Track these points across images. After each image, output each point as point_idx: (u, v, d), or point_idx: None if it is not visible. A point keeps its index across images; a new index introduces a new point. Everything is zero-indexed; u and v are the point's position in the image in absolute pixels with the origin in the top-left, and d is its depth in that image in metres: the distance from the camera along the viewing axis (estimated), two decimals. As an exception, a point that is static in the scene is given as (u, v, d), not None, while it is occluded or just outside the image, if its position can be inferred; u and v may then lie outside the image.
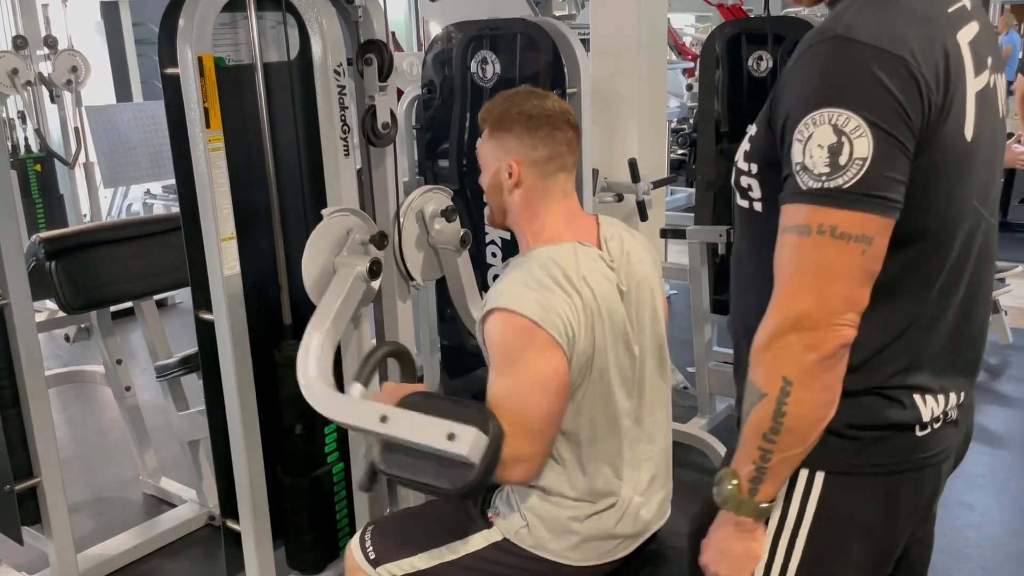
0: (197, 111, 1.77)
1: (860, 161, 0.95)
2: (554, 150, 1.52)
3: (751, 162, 1.11)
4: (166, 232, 2.75)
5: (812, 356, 0.98)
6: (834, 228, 0.96)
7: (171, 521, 2.82)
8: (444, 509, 1.70)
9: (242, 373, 1.92)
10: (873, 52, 0.96)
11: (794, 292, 0.99)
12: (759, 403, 1.02)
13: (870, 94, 0.95)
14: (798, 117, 0.98)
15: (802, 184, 0.97)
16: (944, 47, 1.00)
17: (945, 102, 0.98)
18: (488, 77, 2.51)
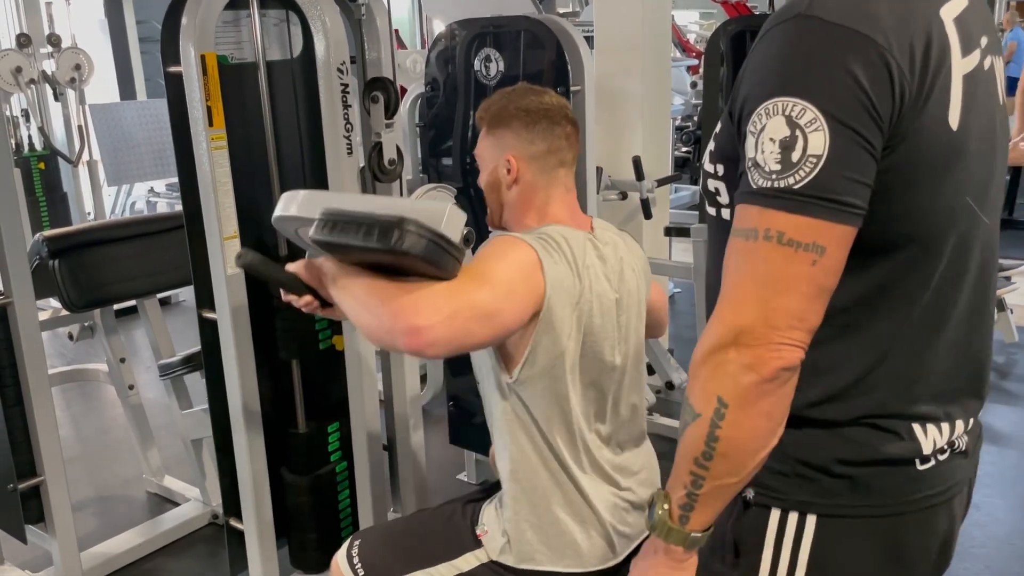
0: (200, 109, 1.77)
1: (814, 159, 0.83)
2: (553, 144, 1.51)
3: (716, 163, 1.00)
4: (169, 231, 2.74)
5: (750, 377, 0.86)
6: (781, 234, 0.85)
7: (174, 520, 2.81)
8: (434, 523, 1.66)
9: (245, 372, 1.92)
10: (839, 32, 0.84)
11: (736, 303, 0.88)
12: (692, 423, 0.91)
13: (831, 82, 0.84)
14: (752, 107, 0.87)
15: (752, 182, 0.87)
16: (925, 23, 0.88)
17: (923, 88, 0.87)
18: (492, 75, 2.51)
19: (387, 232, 1.15)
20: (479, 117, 1.55)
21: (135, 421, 3.01)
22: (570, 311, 1.41)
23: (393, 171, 1.93)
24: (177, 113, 1.84)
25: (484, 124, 1.55)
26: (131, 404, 2.99)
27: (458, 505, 1.68)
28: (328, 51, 1.81)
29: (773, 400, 0.88)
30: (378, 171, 1.91)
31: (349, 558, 1.64)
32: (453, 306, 1.22)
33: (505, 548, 1.52)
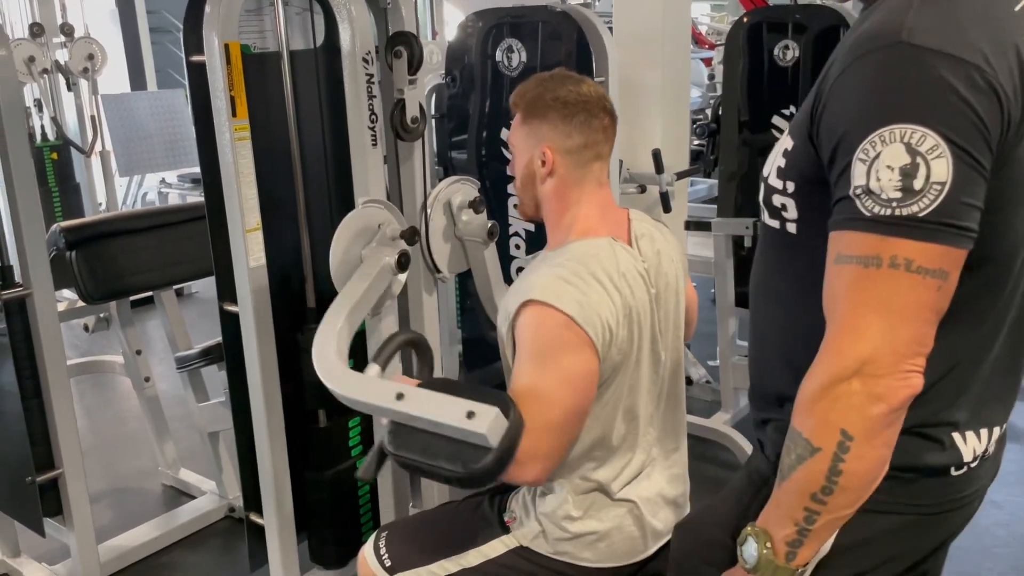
0: (223, 99, 1.74)
1: (938, 186, 0.83)
2: (590, 138, 1.48)
3: (786, 179, 1.00)
4: (187, 222, 2.73)
5: (879, 408, 0.86)
6: (910, 262, 0.85)
7: (191, 513, 2.80)
8: (461, 514, 1.66)
9: (267, 366, 1.90)
10: (945, 60, 0.84)
11: (858, 332, 0.87)
12: (810, 459, 0.90)
13: (947, 108, 0.84)
14: (861, 134, 0.86)
15: (865, 210, 0.86)
16: (1017, 50, 0.88)
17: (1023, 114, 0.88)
18: (514, 66, 2.48)
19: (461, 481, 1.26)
20: (513, 103, 1.52)
21: (151, 413, 3.00)
22: (625, 329, 1.42)
23: (416, 129, 1.89)
24: (200, 103, 1.81)
25: (519, 111, 1.52)
26: (147, 396, 2.98)
27: (484, 497, 1.67)
28: (354, 40, 1.78)
29: (894, 429, 0.90)
30: (400, 129, 1.88)
31: (376, 550, 1.63)
32: (542, 448, 1.32)
33: (539, 536, 1.51)
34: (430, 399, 1.27)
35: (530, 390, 1.35)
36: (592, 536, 1.51)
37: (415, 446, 1.28)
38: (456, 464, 1.24)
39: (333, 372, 1.49)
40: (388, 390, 1.32)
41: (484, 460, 1.22)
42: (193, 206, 2.89)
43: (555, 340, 1.37)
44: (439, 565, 1.56)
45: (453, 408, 1.24)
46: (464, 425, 1.22)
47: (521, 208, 1.59)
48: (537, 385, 1.36)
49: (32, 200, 2.08)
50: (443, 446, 1.25)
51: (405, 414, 1.29)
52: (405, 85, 1.85)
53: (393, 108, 1.86)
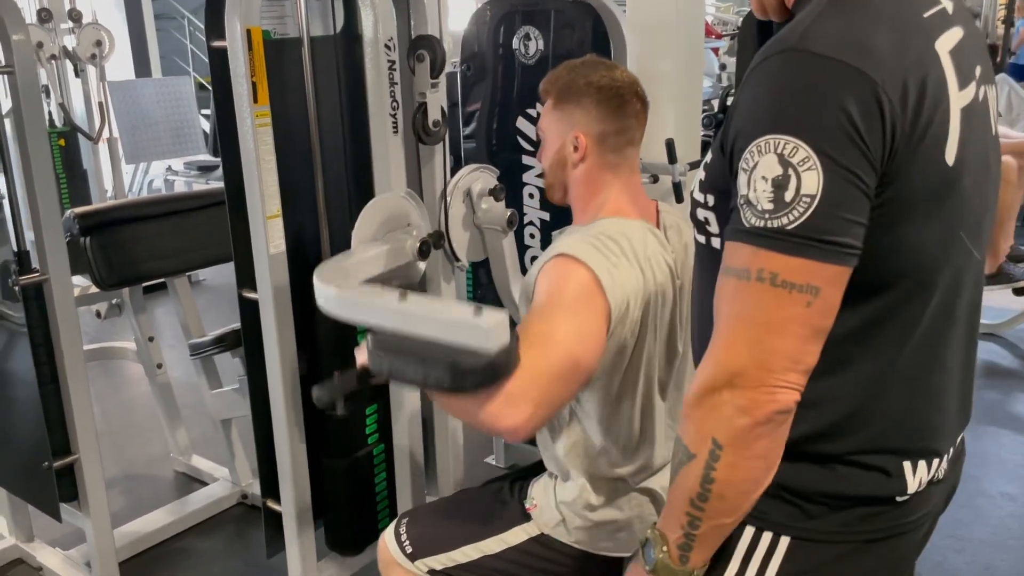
0: (245, 85, 1.73)
1: (808, 199, 0.81)
2: (623, 124, 1.47)
3: (706, 193, 0.98)
4: (202, 208, 2.72)
5: (744, 420, 0.86)
6: (775, 275, 0.83)
7: (204, 499, 2.81)
8: (481, 500, 1.66)
9: (286, 353, 1.90)
10: (832, 67, 0.82)
11: (729, 344, 0.87)
12: (687, 464, 0.90)
13: (824, 120, 0.82)
14: (744, 143, 0.86)
15: (744, 221, 0.86)
16: (920, 58, 0.87)
17: (916, 125, 0.85)
18: (531, 54, 2.47)
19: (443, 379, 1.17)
20: (544, 90, 1.52)
21: (163, 400, 3.00)
22: (640, 311, 1.40)
23: (437, 133, 1.89)
24: (221, 89, 1.80)
25: (551, 97, 1.51)
26: (159, 383, 2.98)
27: (504, 483, 1.67)
28: (376, 26, 1.77)
29: (767, 442, 0.88)
30: (422, 132, 1.87)
31: (397, 536, 1.63)
32: (535, 392, 1.22)
33: (560, 525, 1.52)
34: (434, 300, 1.22)
35: (540, 331, 1.28)
36: (612, 525, 1.51)
37: (402, 352, 1.20)
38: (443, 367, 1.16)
39: (331, 277, 1.45)
40: (390, 293, 1.27)
41: (478, 364, 1.15)
42: (208, 192, 2.89)
43: (577, 294, 1.33)
44: (460, 552, 1.57)
45: (459, 306, 1.18)
46: (469, 320, 1.15)
47: (549, 193, 1.58)
48: (548, 328, 1.29)
49: (49, 185, 2.07)
50: (434, 352, 1.17)
51: (409, 312, 1.22)
52: (427, 88, 1.84)
53: (415, 112, 1.86)
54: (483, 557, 1.54)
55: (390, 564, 1.63)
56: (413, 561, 1.58)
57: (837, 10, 0.87)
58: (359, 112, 2.01)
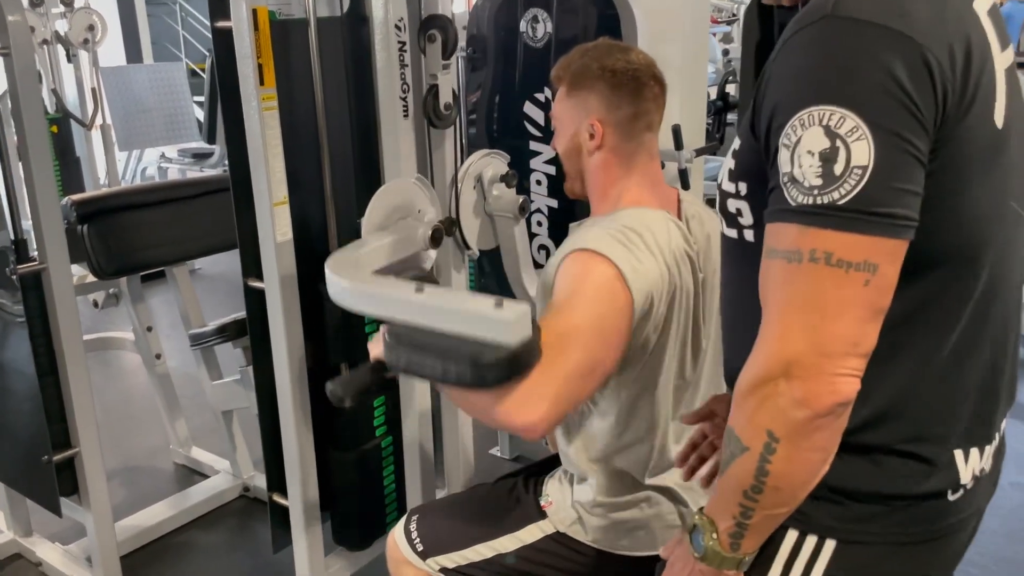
0: (251, 67, 1.68)
1: (859, 170, 0.77)
2: (640, 108, 1.41)
3: (738, 181, 0.93)
4: (201, 195, 2.66)
5: (803, 413, 0.80)
6: (829, 254, 0.78)
7: (205, 492, 2.76)
8: (494, 497, 1.62)
9: (293, 344, 1.85)
10: (874, 31, 0.78)
11: (784, 331, 0.81)
12: (740, 456, 0.86)
13: (870, 86, 0.77)
14: (784, 118, 0.81)
15: (790, 199, 0.80)
16: (961, 19, 0.82)
17: (967, 87, 0.81)
18: (539, 37, 2.41)
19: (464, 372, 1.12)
20: (556, 76, 1.46)
21: (162, 391, 2.95)
22: (664, 307, 1.35)
23: (449, 116, 1.84)
24: (225, 71, 1.74)
25: (564, 84, 1.45)
26: (158, 374, 2.93)
27: (518, 479, 1.63)
28: (386, 7, 1.71)
29: (827, 434, 0.83)
30: (433, 116, 1.82)
31: (407, 533, 1.58)
32: (552, 389, 1.17)
33: (577, 523, 1.48)
34: (452, 293, 1.18)
35: (560, 327, 1.23)
36: (631, 524, 1.47)
37: (420, 347, 1.16)
38: (464, 361, 1.11)
39: (343, 268, 1.39)
40: (406, 285, 1.22)
41: (498, 358, 1.10)
42: (208, 179, 2.83)
43: (599, 289, 1.28)
44: (473, 550, 1.53)
45: (479, 299, 1.13)
46: (490, 313, 1.10)
47: (568, 185, 1.53)
48: (569, 324, 1.24)
49: (47, 172, 2.02)
50: (453, 345, 1.13)
51: (426, 305, 1.17)
52: (439, 70, 1.78)
53: (426, 94, 1.80)
54: (497, 555, 1.50)
55: (400, 563, 1.58)
56: (424, 559, 1.54)
57: None
58: (366, 96, 1.95)
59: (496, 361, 1.10)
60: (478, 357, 1.10)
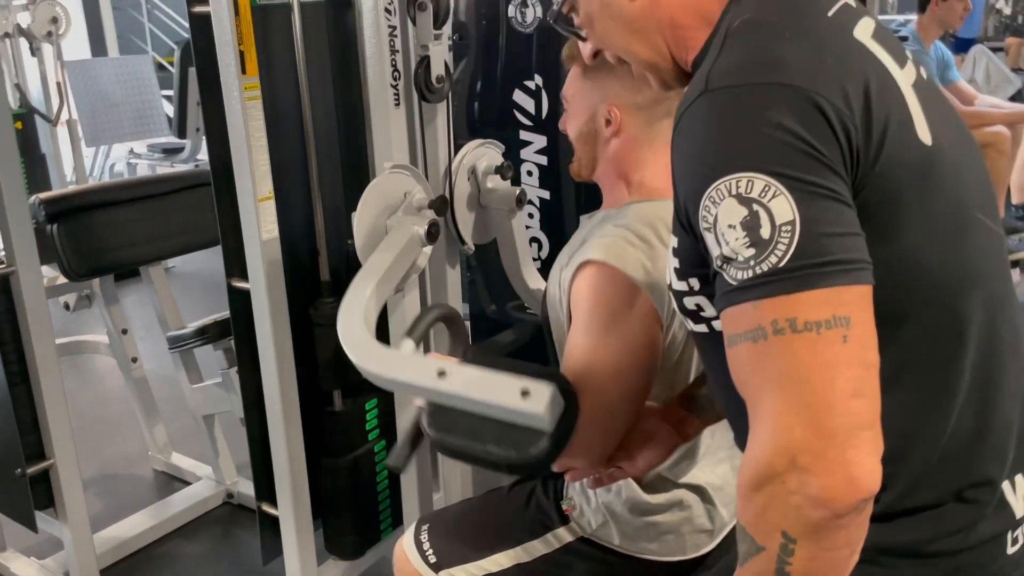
0: (232, 55, 1.58)
1: (787, 227, 0.71)
2: (661, 93, 1.33)
3: (687, 278, 0.88)
4: (177, 192, 2.55)
5: (821, 513, 0.70)
6: (793, 320, 0.71)
7: (187, 500, 2.65)
8: (512, 503, 1.53)
9: (281, 346, 1.76)
10: (750, 91, 0.75)
11: (774, 420, 0.72)
12: (756, 556, 0.75)
13: (766, 143, 0.73)
14: (695, 202, 0.76)
15: (731, 280, 0.74)
16: (844, 53, 0.79)
17: (871, 121, 0.76)
18: (528, 22, 2.32)
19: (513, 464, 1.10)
20: (569, 55, 1.37)
21: (139, 395, 2.84)
22: None
23: (441, 89, 1.74)
24: (204, 60, 1.65)
25: (579, 64, 1.37)
26: (134, 378, 2.82)
27: (535, 483, 1.55)
28: (376, -10, 1.62)
29: (851, 531, 0.73)
30: (425, 89, 1.72)
31: (418, 544, 1.50)
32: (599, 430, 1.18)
33: (604, 527, 1.40)
34: (476, 376, 1.11)
35: (587, 366, 1.20)
36: (661, 527, 1.40)
37: (458, 429, 1.12)
38: (507, 448, 1.07)
39: (364, 348, 1.31)
40: (427, 367, 1.15)
41: (540, 444, 1.06)
42: (184, 175, 2.71)
43: (616, 307, 1.23)
44: (492, 560, 1.44)
45: (504, 386, 1.07)
46: (518, 406, 1.05)
47: (575, 169, 1.44)
48: (595, 360, 1.20)
49: (13, 170, 1.91)
50: (489, 428, 1.09)
51: (449, 394, 1.12)
52: (430, 40, 1.69)
53: (417, 66, 1.71)
54: (516, 566, 1.42)
55: (411, 575, 1.50)
56: (437, 572, 1.45)
57: (734, 42, 0.80)
58: (352, 84, 1.86)
59: (539, 453, 1.06)
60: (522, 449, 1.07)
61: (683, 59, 0.94)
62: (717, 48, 0.81)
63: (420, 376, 1.14)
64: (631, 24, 0.93)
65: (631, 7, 0.92)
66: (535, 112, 2.37)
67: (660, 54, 0.95)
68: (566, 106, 1.41)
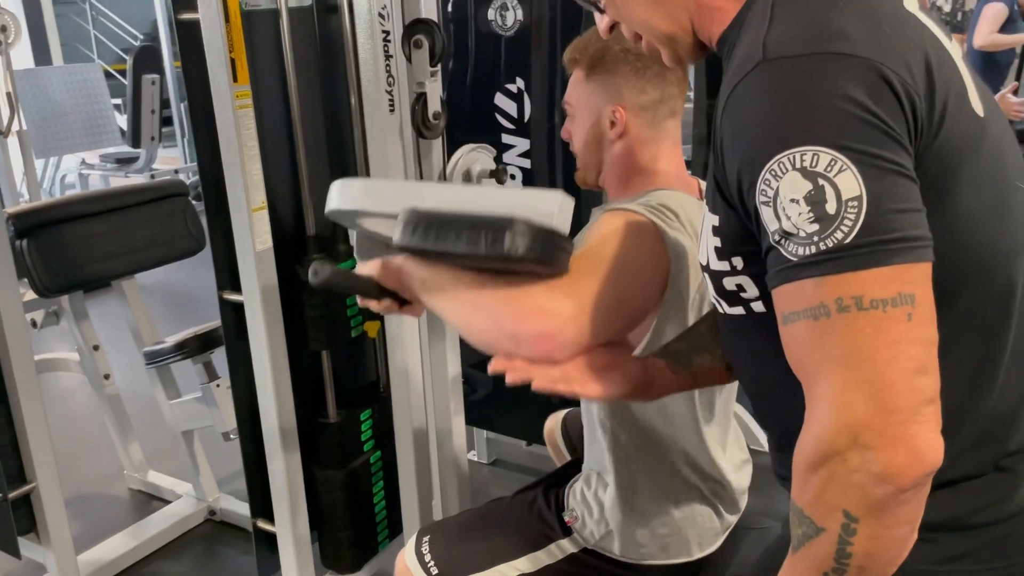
0: (223, 63, 1.55)
1: (854, 202, 0.70)
2: (665, 92, 1.32)
3: (730, 257, 0.86)
4: (148, 203, 2.49)
5: (884, 489, 0.70)
6: (859, 298, 0.70)
7: (168, 518, 2.59)
8: (514, 513, 1.52)
9: (277, 359, 1.72)
10: (816, 61, 0.73)
11: (837, 397, 0.71)
12: (816, 538, 0.75)
13: (832, 115, 0.71)
14: (753, 176, 0.74)
15: (791, 256, 0.73)
16: (901, 24, 0.78)
17: (934, 94, 0.76)
18: (508, 25, 2.31)
19: (498, 237, 0.98)
20: (572, 58, 1.36)
21: (113, 413, 2.75)
22: (696, 287, 1.27)
23: (438, 126, 1.73)
24: (193, 68, 1.61)
25: (581, 67, 1.35)
26: (107, 395, 2.73)
27: (537, 492, 1.53)
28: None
29: (912, 506, 0.73)
30: (422, 126, 1.71)
31: (419, 556, 1.48)
32: (578, 302, 1.05)
33: (607, 536, 1.39)
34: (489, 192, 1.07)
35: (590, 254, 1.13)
36: (663, 533, 1.39)
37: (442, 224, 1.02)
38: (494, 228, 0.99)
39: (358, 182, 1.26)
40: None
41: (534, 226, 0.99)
42: (156, 185, 2.65)
43: (635, 234, 1.17)
44: (495, 571, 1.43)
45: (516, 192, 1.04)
46: (535, 192, 1.04)
47: (581, 175, 1.43)
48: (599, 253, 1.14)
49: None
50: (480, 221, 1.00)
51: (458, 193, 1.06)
52: (426, 78, 1.67)
53: (414, 103, 1.68)
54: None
55: None
56: None
57: (788, 10, 0.77)
58: (341, 90, 1.84)
59: (531, 231, 0.98)
60: (514, 226, 0.98)
61: (707, 33, 0.91)
62: (764, 18, 0.79)
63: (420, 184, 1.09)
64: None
65: None
66: (517, 115, 2.36)
67: (681, 27, 0.92)
68: (570, 112, 1.40)
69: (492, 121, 2.41)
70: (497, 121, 2.39)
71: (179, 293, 4.86)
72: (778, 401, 0.79)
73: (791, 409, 0.80)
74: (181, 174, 6.63)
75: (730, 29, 0.87)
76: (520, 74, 2.33)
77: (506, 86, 2.36)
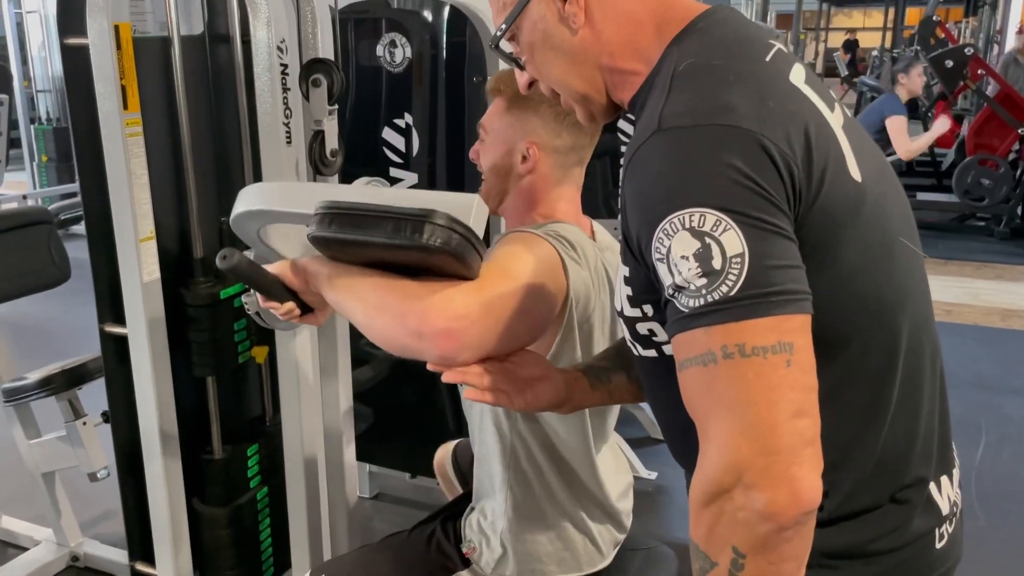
0: (113, 89, 1.50)
1: (737, 258, 0.76)
2: (578, 141, 1.39)
3: (641, 305, 0.93)
4: (9, 230, 2.35)
5: (767, 526, 0.75)
6: (742, 346, 0.76)
7: (26, 566, 2.41)
8: (412, 548, 1.52)
9: (163, 395, 1.67)
10: (703, 133, 0.80)
11: (722, 438, 0.77)
12: (710, 572, 0.80)
13: (718, 182, 0.78)
14: (649, 234, 0.81)
15: (683, 307, 0.79)
16: (784, 98, 0.85)
17: (811, 163, 0.83)
18: (398, 61, 2.34)
19: (418, 227, 1.01)
20: (495, 88, 1.39)
21: (-42, 455, 2.56)
22: (586, 320, 1.33)
23: (335, 163, 1.74)
24: (79, 94, 1.56)
25: (503, 98, 1.39)
26: (-47, 436, 2.54)
27: (435, 525, 1.54)
28: (269, 28, 1.58)
29: (796, 543, 0.78)
30: (319, 162, 1.71)
31: None
32: (485, 305, 1.08)
33: (503, 560, 1.42)
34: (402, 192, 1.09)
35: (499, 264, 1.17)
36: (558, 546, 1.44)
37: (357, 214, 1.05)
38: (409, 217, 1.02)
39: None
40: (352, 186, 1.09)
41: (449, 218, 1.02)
42: (18, 212, 2.51)
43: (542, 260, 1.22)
44: None
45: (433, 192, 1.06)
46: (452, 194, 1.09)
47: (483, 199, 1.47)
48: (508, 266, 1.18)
49: None
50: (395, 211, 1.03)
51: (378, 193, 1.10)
52: (324, 116, 1.67)
53: (312, 141, 1.69)
54: None
55: None
56: None
57: (684, 84, 0.85)
58: (231, 120, 1.81)
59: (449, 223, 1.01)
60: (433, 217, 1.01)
61: (619, 96, 0.99)
62: (663, 89, 0.86)
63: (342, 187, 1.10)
64: (571, 57, 0.97)
65: (572, 40, 0.96)
66: (405, 149, 2.39)
67: (595, 88, 0.99)
68: (483, 136, 1.44)
69: (378, 155, 2.42)
70: (384, 154, 2.41)
71: (26, 327, 4.58)
72: (691, 441, 0.83)
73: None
74: (29, 199, 6.25)
75: (639, 93, 0.95)
76: (408, 109, 2.37)
77: (394, 120, 2.38)
